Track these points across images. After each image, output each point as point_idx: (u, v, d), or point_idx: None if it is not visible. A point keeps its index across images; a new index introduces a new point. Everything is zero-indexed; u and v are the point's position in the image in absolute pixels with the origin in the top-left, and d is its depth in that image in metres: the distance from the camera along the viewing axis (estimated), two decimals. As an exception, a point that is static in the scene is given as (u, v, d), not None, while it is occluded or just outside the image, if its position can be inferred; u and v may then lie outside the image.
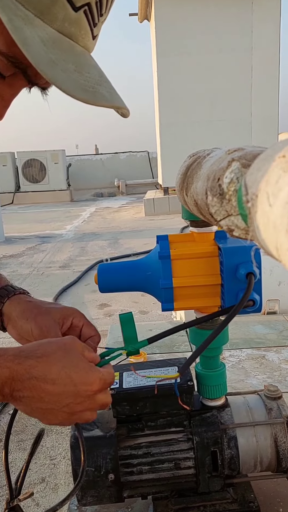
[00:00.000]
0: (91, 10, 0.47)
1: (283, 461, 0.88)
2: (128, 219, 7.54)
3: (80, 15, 0.47)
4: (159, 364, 0.91)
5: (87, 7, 0.47)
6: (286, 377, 1.91)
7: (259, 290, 0.76)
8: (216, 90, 7.24)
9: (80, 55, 0.49)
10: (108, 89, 0.51)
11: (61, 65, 0.46)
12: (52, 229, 6.82)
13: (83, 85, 0.48)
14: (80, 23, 0.48)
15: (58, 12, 0.45)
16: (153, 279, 0.80)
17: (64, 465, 1.53)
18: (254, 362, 2.06)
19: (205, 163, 0.61)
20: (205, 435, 0.87)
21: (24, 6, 0.44)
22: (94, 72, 0.50)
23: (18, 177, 11.51)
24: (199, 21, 7.01)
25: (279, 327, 2.41)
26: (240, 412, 0.91)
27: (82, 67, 0.49)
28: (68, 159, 12.29)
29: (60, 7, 0.45)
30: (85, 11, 0.47)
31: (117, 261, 0.92)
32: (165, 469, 0.87)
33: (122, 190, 12.13)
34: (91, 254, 4.98)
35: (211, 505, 0.91)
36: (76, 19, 0.47)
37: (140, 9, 7.90)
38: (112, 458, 0.84)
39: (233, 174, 0.46)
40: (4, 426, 1.85)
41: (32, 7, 0.44)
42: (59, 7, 0.45)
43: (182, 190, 0.71)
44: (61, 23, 0.46)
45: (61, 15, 0.46)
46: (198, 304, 0.83)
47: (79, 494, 0.85)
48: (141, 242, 5.31)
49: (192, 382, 0.86)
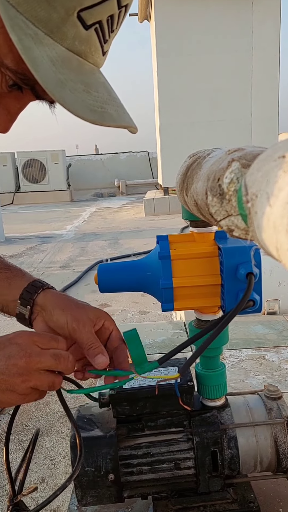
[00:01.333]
0: (102, 27, 0.47)
1: (283, 461, 0.88)
2: (128, 219, 7.54)
3: (91, 33, 0.46)
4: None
5: (98, 25, 0.46)
6: (286, 377, 1.91)
7: (259, 290, 0.76)
8: (216, 90, 7.24)
9: (89, 73, 0.49)
10: (116, 108, 0.51)
11: (70, 85, 0.46)
12: (52, 229, 6.82)
13: (91, 105, 0.47)
14: (91, 41, 0.47)
15: (69, 30, 0.45)
16: (153, 279, 0.80)
17: (64, 465, 1.53)
18: (254, 362, 2.06)
19: (205, 163, 0.61)
20: (205, 435, 0.87)
21: (34, 25, 0.43)
22: (103, 91, 0.50)
23: (18, 177, 11.51)
24: (199, 21, 7.01)
25: (279, 327, 2.41)
26: (240, 412, 0.91)
27: (90, 86, 0.48)
28: (68, 159, 12.30)
29: (71, 25, 0.44)
30: (96, 29, 0.46)
31: (117, 261, 0.92)
32: (165, 469, 0.87)
33: (122, 190, 12.13)
34: (91, 254, 4.98)
35: (211, 505, 0.91)
36: (86, 37, 0.46)
37: (140, 9, 7.91)
38: (112, 458, 0.84)
39: (233, 174, 0.46)
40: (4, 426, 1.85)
41: (42, 25, 0.44)
42: (69, 26, 0.44)
43: (182, 190, 0.71)
44: (71, 41, 0.46)
45: (71, 33, 0.45)
46: (198, 304, 0.83)
47: (79, 494, 0.85)
48: (141, 242, 5.31)
49: (192, 382, 0.86)
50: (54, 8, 0.43)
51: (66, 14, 0.43)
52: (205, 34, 7.06)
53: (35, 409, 1.88)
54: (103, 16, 0.46)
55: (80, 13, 0.44)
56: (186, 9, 6.97)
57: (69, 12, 0.43)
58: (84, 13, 0.44)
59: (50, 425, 1.75)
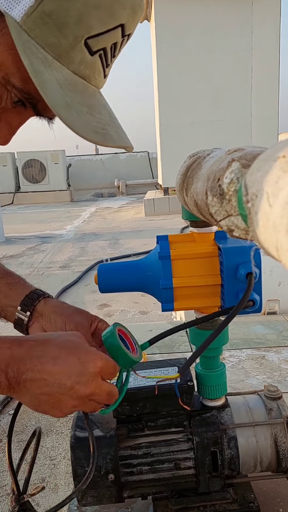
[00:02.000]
0: (105, 53, 0.50)
1: (283, 461, 0.88)
2: (128, 219, 7.53)
3: (95, 59, 0.50)
4: (159, 365, 0.91)
5: (102, 51, 0.50)
6: (286, 377, 1.91)
7: (259, 290, 0.76)
8: (216, 90, 7.24)
9: (92, 96, 0.52)
10: (116, 129, 0.54)
11: (76, 108, 0.49)
12: (52, 229, 6.82)
13: (95, 127, 0.51)
14: (95, 66, 0.51)
15: (76, 55, 0.48)
16: (153, 279, 0.80)
17: (64, 465, 1.53)
18: (254, 362, 2.06)
19: (205, 163, 0.61)
20: (205, 435, 0.87)
21: (44, 49, 0.47)
22: (104, 113, 0.54)
23: (18, 177, 11.51)
24: (199, 21, 7.01)
25: (279, 327, 2.41)
26: (240, 412, 0.91)
27: (93, 109, 0.52)
28: (68, 159, 12.29)
29: (78, 51, 0.48)
30: (100, 54, 0.50)
31: (117, 261, 0.92)
32: (165, 469, 0.87)
33: (122, 190, 12.12)
34: (91, 254, 4.98)
35: (211, 505, 0.91)
36: (91, 62, 0.50)
37: (140, 9, 7.88)
38: (112, 458, 0.84)
39: (233, 174, 0.46)
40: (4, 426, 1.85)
41: (52, 50, 0.47)
42: (77, 51, 0.48)
43: (182, 190, 0.71)
44: (77, 66, 0.49)
45: (78, 58, 0.49)
46: (198, 304, 0.83)
47: (79, 494, 0.85)
48: (141, 242, 5.31)
49: (192, 382, 0.86)
50: (64, 35, 0.46)
51: (75, 41, 0.47)
52: (205, 34, 7.05)
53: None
54: (108, 44, 0.50)
55: (87, 40, 0.48)
56: (186, 9, 6.97)
57: (77, 39, 0.47)
58: (91, 41, 0.48)
59: (50, 425, 1.75)
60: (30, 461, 0.76)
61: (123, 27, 0.49)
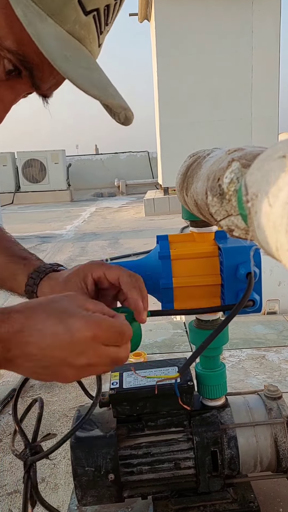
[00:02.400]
0: (99, 16, 0.49)
1: (283, 461, 0.88)
2: (128, 219, 7.54)
3: (89, 19, 0.48)
4: (159, 364, 0.91)
5: (96, 12, 0.48)
6: (286, 377, 1.91)
7: (259, 290, 0.76)
8: (216, 90, 7.24)
9: (89, 57, 0.51)
10: (115, 91, 0.53)
11: (74, 62, 0.47)
12: (52, 229, 6.82)
13: (95, 82, 0.49)
14: (90, 28, 0.49)
15: (70, 13, 0.46)
16: (153, 279, 0.80)
17: (64, 465, 1.53)
18: (254, 362, 2.06)
19: (205, 163, 0.61)
20: (205, 435, 0.87)
21: (36, 4, 0.45)
22: (103, 75, 0.52)
23: (18, 177, 11.51)
24: (199, 21, 7.01)
25: (279, 327, 2.41)
26: (240, 412, 0.91)
27: (92, 68, 0.50)
28: (68, 159, 12.30)
29: (72, 8, 0.46)
30: (94, 16, 0.48)
31: (117, 261, 0.92)
32: (165, 469, 0.87)
33: (122, 190, 12.13)
34: (91, 254, 4.98)
35: (211, 505, 0.91)
36: (86, 22, 0.48)
37: (140, 9, 7.90)
38: (112, 458, 0.84)
39: (233, 174, 0.46)
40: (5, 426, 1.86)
41: (45, 6, 0.45)
42: (71, 9, 0.46)
43: (182, 190, 0.71)
44: (72, 25, 0.47)
45: (72, 17, 0.47)
46: (198, 304, 0.83)
47: (79, 494, 0.85)
48: (141, 242, 5.31)
49: (192, 382, 0.86)
50: None
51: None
52: (205, 34, 7.06)
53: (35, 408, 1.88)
54: (101, 5, 0.48)
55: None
56: (186, 9, 6.97)
57: None
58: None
59: (50, 425, 1.75)
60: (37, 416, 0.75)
61: None
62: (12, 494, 1.48)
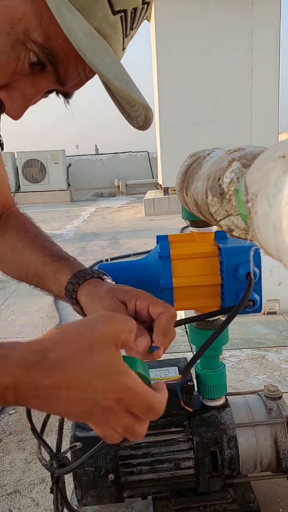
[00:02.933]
0: (126, 18, 0.50)
1: (283, 461, 0.88)
2: (128, 219, 7.53)
3: (117, 19, 0.49)
4: (159, 365, 0.91)
5: (123, 13, 0.49)
6: (286, 377, 1.91)
7: (259, 290, 0.76)
8: (216, 90, 7.24)
9: (114, 55, 0.51)
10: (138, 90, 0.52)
11: (101, 56, 0.48)
12: (52, 229, 6.81)
13: (120, 76, 0.50)
14: (116, 27, 0.50)
15: (99, 11, 0.47)
16: (153, 279, 0.80)
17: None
18: (254, 362, 2.06)
19: (205, 163, 0.61)
20: (205, 435, 0.87)
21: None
22: (127, 72, 0.52)
23: (18, 177, 11.51)
24: (199, 21, 7.01)
25: (279, 327, 2.41)
26: (240, 412, 0.91)
27: (117, 64, 0.50)
28: (68, 159, 12.29)
29: (101, 6, 0.47)
30: (121, 16, 0.49)
31: (117, 261, 0.92)
32: (165, 469, 0.87)
33: (122, 190, 12.12)
34: (91, 254, 4.98)
35: (211, 505, 0.91)
36: (113, 22, 0.49)
37: (140, 9, 7.89)
38: (112, 458, 0.84)
39: (234, 174, 0.46)
40: (4, 426, 1.85)
41: (75, 1, 0.46)
42: (100, 6, 0.47)
43: (182, 190, 0.71)
44: (100, 23, 0.48)
45: (100, 14, 0.47)
46: (198, 304, 0.83)
47: (79, 494, 0.85)
48: (141, 242, 5.31)
49: (192, 382, 0.86)
50: None
51: None
52: (205, 34, 7.05)
53: (35, 409, 1.88)
54: (129, 6, 0.49)
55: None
56: (186, 9, 6.97)
57: None
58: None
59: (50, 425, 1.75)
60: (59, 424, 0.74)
61: None
62: (12, 494, 1.48)
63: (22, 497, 1.46)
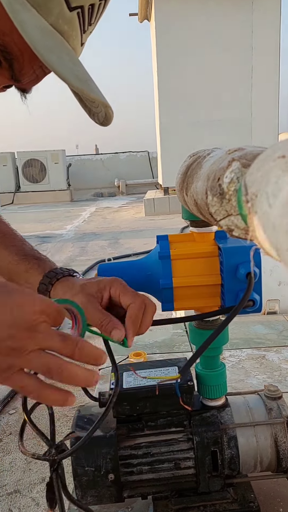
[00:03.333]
0: (83, 14, 0.49)
1: (283, 461, 0.88)
2: (128, 219, 7.53)
3: (73, 15, 0.48)
4: (159, 364, 0.91)
5: (80, 10, 0.48)
6: (286, 377, 1.91)
7: (259, 290, 0.76)
8: (216, 90, 7.24)
9: (72, 52, 0.50)
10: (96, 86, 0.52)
11: (57, 53, 0.47)
12: (52, 229, 6.82)
13: (77, 74, 0.49)
14: (73, 24, 0.49)
15: (54, 7, 0.47)
16: (153, 279, 0.80)
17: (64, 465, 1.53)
18: (254, 362, 2.06)
19: (205, 163, 0.61)
20: (205, 435, 0.87)
21: None
22: (85, 70, 0.51)
23: (18, 177, 11.51)
24: (199, 21, 7.01)
25: (279, 327, 2.41)
26: (240, 412, 0.91)
27: (74, 61, 0.50)
28: (68, 159, 12.29)
29: (57, 2, 0.47)
30: (78, 13, 0.48)
31: (117, 261, 0.92)
32: (165, 469, 0.87)
33: (122, 190, 12.12)
34: (91, 254, 4.98)
35: (211, 505, 0.91)
36: (70, 18, 0.48)
37: (140, 9, 7.90)
38: (112, 458, 0.84)
39: (233, 174, 0.46)
40: (4, 426, 1.86)
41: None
42: (55, 3, 0.46)
43: (182, 190, 0.71)
44: (56, 19, 0.47)
45: (56, 10, 0.47)
46: (198, 304, 0.83)
47: (79, 494, 0.86)
48: (141, 242, 5.31)
49: (192, 382, 0.86)
50: None
51: None
52: (205, 34, 7.05)
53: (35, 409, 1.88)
54: (86, 2, 0.48)
55: None
56: (186, 9, 6.97)
57: None
58: None
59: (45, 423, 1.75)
60: (49, 417, 0.73)
61: None
62: (12, 494, 1.49)
63: (22, 497, 1.46)
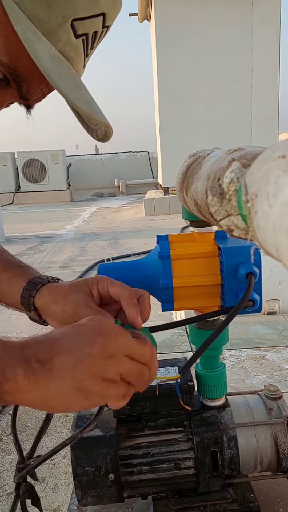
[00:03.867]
0: (87, 40, 0.54)
1: (283, 461, 0.88)
2: (128, 219, 7.54)
3: (79, 42, 0.53)
4: (159, 364, 0.91)
5: (85, 37, 0.53)
6: (286, 377, 1.91)
7: (259, 290, 0.76)
8: (216, 90, 7.24)
9: (76, 76, 0.55)
10: (99, 108, 0.57)
11: (65, 79, 0.52)
12: (52, 229, 6.82)
13: (83, 98, 0.54)
14: (78, 50, 0.54)
15: (63, 35, 0.51)
16: (153, 279, 0.80)
17: (64, 465, 1.53)
18: (254, 362, 2.06)
19: (205, 163, 0.61)
20: (205, 435, 0.87)
21: (34, 24, 0.49)
22: (88, 92, 0.56)
23: (18, 177, 11.51)
24: (199, 21, 7.01)
25: (279, 327, 2.41)
26: (240, 412, 0.91)
27: (80, 86, 0.55)
28: (68, 159, 12.30)
29: (65, 31, 0.51)
30: (83, 39, 0.53)
31: (117, 261, 0.92)
32: (165, 469, 0.87)
33: (122, 190, 12.13)
34: (91, 254, 4.98)
35: (211, 505, 0.91)
36: (76, 45, 0.53)
37: (140, 9, 7.90)
38: (112, 458, 0.84)
39: (233, 174, 0.46)
40: (4, 426, 1.85)
41: (41, 25, 0.50)
42: (64, 31, 0.51)
43: (182, 190, 0.71)
44: (63, 46, 0.52)
45: (64, 38, 0.51)
46: (198, 304, 0.83)
47: (79, 494, 0.85)
48: (141, 242, 5.31)
49: (192, 382, 0.86)
50: (53, 11, 0.49)
51: (62, 20, 0.50)
52: (205, 34, 7.06)
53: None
54: (90, 30, 0.53)
55: (73, 22, 0.51)
56: (186, 9, 6.97)
57: (65, 19, 0.50)
58: (77, 23, 0.51)
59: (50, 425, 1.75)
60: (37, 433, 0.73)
61: (104, 17, 0.53)
62: (12, 494, 1.49)
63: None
